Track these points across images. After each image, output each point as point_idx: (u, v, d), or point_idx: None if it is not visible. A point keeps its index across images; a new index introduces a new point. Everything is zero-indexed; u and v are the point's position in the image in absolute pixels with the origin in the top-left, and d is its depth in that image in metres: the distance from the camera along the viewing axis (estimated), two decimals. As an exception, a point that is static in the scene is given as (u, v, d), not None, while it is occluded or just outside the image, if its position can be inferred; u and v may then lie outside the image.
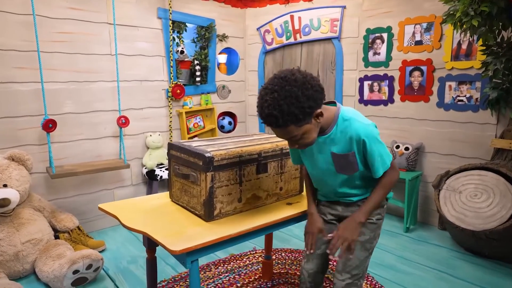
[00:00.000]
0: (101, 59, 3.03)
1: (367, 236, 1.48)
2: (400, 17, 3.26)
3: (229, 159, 1.55)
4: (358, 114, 1.39)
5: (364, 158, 1.40)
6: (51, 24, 2.74)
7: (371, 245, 1.49)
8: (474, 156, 2.95)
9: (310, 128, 1.27)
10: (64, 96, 2.86)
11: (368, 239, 1.48)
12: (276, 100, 1.18)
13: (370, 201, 1.43)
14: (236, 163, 1.58)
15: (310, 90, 1.20)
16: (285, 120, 1.19)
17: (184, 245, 1.29)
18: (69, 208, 2.95)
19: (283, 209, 1.69)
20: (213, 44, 3.81)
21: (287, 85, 1.18)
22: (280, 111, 1.17)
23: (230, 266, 2.54)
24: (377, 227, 1.51)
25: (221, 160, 1.52)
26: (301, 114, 1.19)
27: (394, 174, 1.43)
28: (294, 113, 1.18)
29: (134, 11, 3.19)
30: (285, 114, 1.18)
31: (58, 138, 2.86)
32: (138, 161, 3.39)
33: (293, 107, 1.18)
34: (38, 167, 2.79)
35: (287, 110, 1.17)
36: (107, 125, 3.11)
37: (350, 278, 1.43)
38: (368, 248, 1.49)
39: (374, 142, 1.34)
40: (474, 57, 2.89)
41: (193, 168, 1.55)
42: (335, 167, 1.43)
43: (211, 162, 1.48)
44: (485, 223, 2.45)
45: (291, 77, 1.20)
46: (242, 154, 1.60)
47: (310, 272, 1.55)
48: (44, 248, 2.45)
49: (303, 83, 1.20)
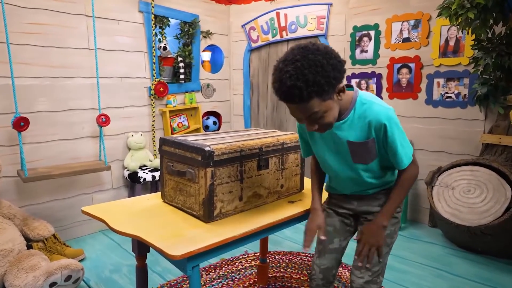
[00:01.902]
0: (78, 54, 2.81)
1: (388, 231, 1.38)
2: (387, 14, 3.25)
3: (230, 154, 1.42)
4: (378, 98, 1.27)
5: (383, 146, 1.27)
6: (22, 14, 2.52)
7: (391, 240, 1.40)
8: (463, 152, 2.96)
9: (332, 105, 1.15)
10: (37, 92, 2.63)
11: (388, 234, 1.39)
12: (300, 69, 1.04)
13: (391, 202, 1.34)
14: (237, 158, 1.45)
15: (334, 60, 1.09)
16: (309, 91, 1.06)
17: (185, 249, 1.15)
18: (44, 215, 2.70)
19: (286, 208, 1.58)
20: (197, 40, 3.66)
21: (310, 54, 1.06)
22: (305, 81, 1.04)
23: (222, 272, 2.40)
24: (397, 221, 1.44)
25: (222, 155, 1.39)
26: (327, 85, 1.07)
27: (415, 169, 1.32)
28: (320, 83, 1.06)
29: (113, 3, 3.00)
30: (310, 85, 1.05)
31: (31, 139, 2.63)
32: (119, 163, 3.18)
33: (319, 76, 1.05)
34: (8, 171, 2.54)
35: (312, 80, 1.05)
36: (85, 125, 2.89)
37: (370, 275, 1.34)
38: (389, 244, 1.40)
39: (395, 128, 1.21)
40: (462, 53, 2.90)
41: (190, 164, 1.41)
42: (351, 156, 1.31)
43: (211, 156, 1.34)
44: (480, 218, 2.44)
45: (312, 46, 1.09)
46: (243, 149, 1.47)
47: (322, 267, 1.44)
48: (15, 259, 2.20)
49: (326, 52, 1.09)
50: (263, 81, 4.01)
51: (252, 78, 4.07)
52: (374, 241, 1.33)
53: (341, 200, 1.49)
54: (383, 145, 1.27)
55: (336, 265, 1.47)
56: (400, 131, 1.24)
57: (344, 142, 1.29)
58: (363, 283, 1.33)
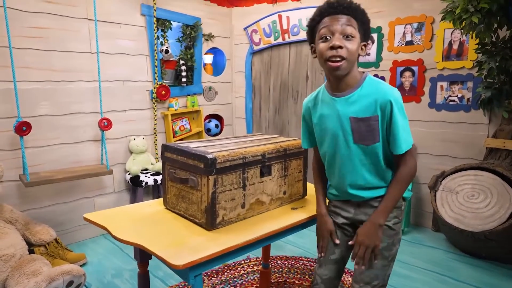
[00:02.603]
0: (80, 57, 2.81)
1: (385, 243, 1.33)
2: (390, 17, 3.24)
3: (233, 161, 1.41)
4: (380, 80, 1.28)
5: (386, 127, 1.24)
6: (24, 18, 2.52)
7: (390, 253, 1.34)
8: (467, 156, 2.94)
9: (357, 43, 1.22)
10: (39, 96, 2.63)
11: (385, 246, 1.33)
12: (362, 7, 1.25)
13: (388, 198, 1.29)
14: (240, 165, 1.44)
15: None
16: (358, 15, 1.22)
17: (187, 258, 1.14)
18: (46, 219, 2.70)
19: (289, 215, 1.56)
20: (199, 43, 3.66)
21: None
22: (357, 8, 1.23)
23: (225, 277, 2.38)
24: (396, 233, 1.36)
25: (224, 162, 1.37)
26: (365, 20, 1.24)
27: (412, 163, 1.27)
28: (363, 13, 1.24)
29: (115, 6, 3.00)
30: (360, 13, 1.23)
31: (33, 143, 2.62)
32: (121, 166, 3.17)
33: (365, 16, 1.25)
34: (10, 175, 2.53)
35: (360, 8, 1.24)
36: (87, 128, 2.89)
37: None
38: (387, 256, 1.35)
39: (400, 110, 1.21)
40: (465, 57, 2.88)
41: (192, 172, 1.40)
42: (352, 134, 1.27)
43: (214, 164, 1.33)
44: (484, 224, 2.42)
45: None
46: (246, 156, 1.46)
47: (324, 278, 1.43)
48: (17, 264, 2.19)
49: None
50: (265, 84, 4.00)
51: (254, 81, 4.06)
52: (370, 241, 1.28)
53: (339, 207, 1.44)
54: (386, 126, 1.24)
55: (338, 275, 1.44)
56: (404, 115, 1.23)
57: (347, 118, 1.27)
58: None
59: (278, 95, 3.95)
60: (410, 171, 1.28)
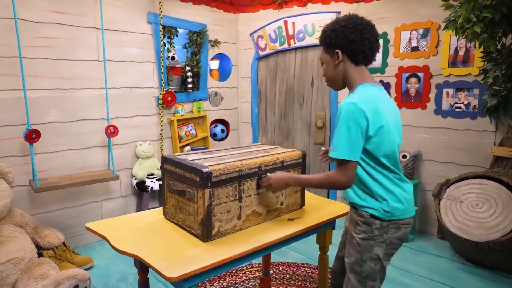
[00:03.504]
0: (87, 66, 2.88)
1: (353, 258, 1.36)
2: (396, 23, 3.22)
3: (228, 174, 1.44)
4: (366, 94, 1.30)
5: None
6: (34, 28, 2.60)
7: (361, 269, 1.35)
8: (473, 164, 2.91)
9: (328, 60, 1.41)
10: (48, 104, 2.71)
11: (354, 261, 1.36)
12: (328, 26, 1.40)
13: (305, 177, 1.44)
14: (236, 178, 1.47)
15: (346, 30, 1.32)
16: (319, 38, 1.44)
17: (181, 270, 1.17)
18: (54, 223, 2.78)
19: (285, 226, 1.59)
20: (205, 49, 3.70)
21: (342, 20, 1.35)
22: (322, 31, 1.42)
23: (226, 283, 2.42)
24: (363, 249, 1.34)
25: (220, 176, 1.40)
26: (328, 39, 1.37)
27: (338, 177, 1.29)
28: (325, 35, 1.38)
29: (122, 15, 3.06)
30: (321, 34, 1.42)
31: (42, 149, 2.70)
32: (127, 171, 3.24)
33: (327, 30, 1.38)
34: (21, 180, 2.62)
35: (323, 30, 1.41)
36: (95, 135, 2.96)
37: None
38: (359, 272, 1.35)
39: (342, 119, 1.27)
40: (471, 63, 2.85)
41: (189, 184, 1.44)
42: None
43: (209, 178, 1.36)
44: (488, 234, 2.39)
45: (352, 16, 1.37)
46: (242, 168, 1.49)
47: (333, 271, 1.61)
48: (26, 267, 2.27)
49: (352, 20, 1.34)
50: (271, 89, 4.02)
51: (260, 86, 4.09)
52: (273, 180, 1.49)
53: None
54: None
55: (342, 272, 1.54)
56: (344, 126, 1.26)
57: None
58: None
59: (284, 100, 3.96)
60: (334, 180, 1.31)
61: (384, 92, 1.40)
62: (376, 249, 1.33)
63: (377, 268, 1.35)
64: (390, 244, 1.35)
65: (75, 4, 2.78)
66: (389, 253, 1.37)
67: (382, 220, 1.32)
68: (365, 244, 1.34)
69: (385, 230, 1.33)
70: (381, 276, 1.38)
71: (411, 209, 1.38)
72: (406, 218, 1.36)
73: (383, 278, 1.40)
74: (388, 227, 1.33)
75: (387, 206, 1.32)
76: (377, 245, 1.33)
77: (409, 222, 1.38)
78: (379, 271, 1.36)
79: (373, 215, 1.33)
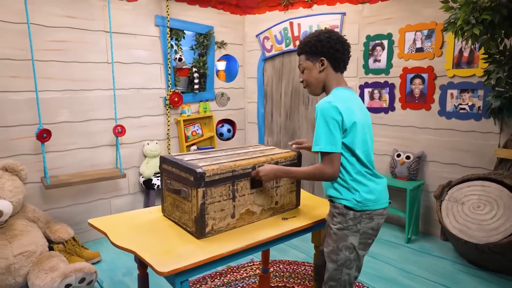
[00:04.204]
0: (97, 68, 3.00)
1: (330, 247, 1.49)
2: (401, 24, 3.22)
3: (222, 174, 1.50)
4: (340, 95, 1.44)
5: None
6: (46, 32, 2.72)
7: (337, 257, 1.47)
8: (477, 165, 2.89)
9: (312, 67, 1.51)
10: (59, 105, 2.83)
11: (331, 250, 1.49)
12: (309, 37, 1.52)
13: (294, 169, 1.53)
14: (229, 178, 1.53)
15: (331, 41, 1.46)
16: (301, 48, 1.54)
17: (173, 265, 1.24)
18: (65, 218, 2.90)
19: (279, 225, 1.63)
20: (211, 51, 3.77)
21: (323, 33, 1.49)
22: (305, 42, 1.52)
23: (227, 279, 2.48)
24: (339, 238, 1.46)
25: (213, 176, 1.47)
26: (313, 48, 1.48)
27: (324, 169, 1.40)
28: (309, 44, 1.49)
29: (131, 19, 3.16)
30: (304, 45, 1.52)
31: (54, 147, 2.83)
32: (135, 169, 3.34)
33: (312, 42, 1.49)
34: (33, 177, 2.75)
35: (307, 42, 1.51)
36: (104, 134, 3.07)
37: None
38: (335, 260, 1.48)
39: (319, 117, 1.39)
40: (476, 64, 2.83)
41: (184, 183, 1.50)
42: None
43: (203, 177, 1.43)
44: (488, 236, 2.38)
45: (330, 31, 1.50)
46: (235, 169, 1.55)
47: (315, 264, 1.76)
48: (37, 260, 2.39)
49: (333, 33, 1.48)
50: (277, 90, 4.06)
51: (266, 87, 4.14)
52: (263, 172, 1.55)
53: None
54: None
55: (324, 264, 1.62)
56: (323, 123, 1.38)
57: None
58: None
59: (289, 101, 4.00)
60: (321, 172, 1.42)
61: (357, 96, 1.56)
62: (351, 239, 1.46)
63: (352, 256, 1.47)
64: (364, 233, 1.47)
65: (85, 8, 2.89)
66: (364, 243, 1.48)
67: (355, 210, 1.44)
68: (341, 233, 1.47)
69: (358, 220, 1.45)
70: (357, 265, 1.49)
71: (383, 201, 1.49)
72: (379, 209, 1.47)
73: (359, 267, 1.52)
74: (361, 217, 1.45)
75: (359, 197, 1.43)
76: (352, 234, 1.45)
77: (382, 213, 1.49)
78: (354, 259, 1.47)
79: (347, 206, 1.45)
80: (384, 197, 1.50)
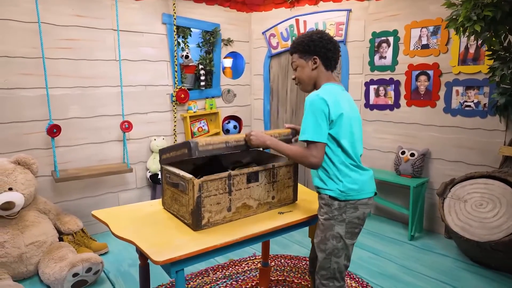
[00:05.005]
0: (106, 65, 3.08)
1: (319, 237, 1.57)
2: (406, 20, 3.20)
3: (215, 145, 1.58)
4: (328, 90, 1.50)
5: None
6: (56, 31, 2.81)
7: (325, 246, 1.54)
8: (482, 163, 2.86)
9: (305, 65, 1.57)
10: (69, 101, 2.93)
11: (320, 240, 1.56)
12: (301, 37, 1.58)
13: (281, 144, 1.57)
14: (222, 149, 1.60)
15: (323, 41, 1.53)
16: (294, 47, 1.59)
17: (168, 255, 1.29)
18: (74, 211, 3.01)
19: (274, 219, 1.68)
20: (218, 48, 3.82)
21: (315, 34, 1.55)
22: (298, 42, 1.58)
23: (229, 272, 2.54)
24: (326, 228, 1.53)
25: (206, 146, 1.55)
26: (306, 47, 1.54)
27: (309, 155, 1.45)
28: (302, 44, 1.55)
29: (138, 17, 3.24)
30: (297, 44, 1.58)
31: (64, 142, 2.93)
32: (142, 164, 3.43)
33: (305, 42, 1.55)
34: (45, 171, 2.86)
35: (300, 42, 1.56)
36: (112, 130, 3.17)
37: (318, 278, 1.59)
38: (324, 249, 1.54)
39: (307, 109, 1.46)
40: (482, 61, 2.80)
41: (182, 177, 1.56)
42: None
43: (196, 147, 1.50)
44: (490, 234, 2.37)
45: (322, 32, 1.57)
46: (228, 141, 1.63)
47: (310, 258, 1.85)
48: (47, 250, 2.50)
49: (325, 37, 1.54)
50: (283, 87, 4.09)
51: (272, 84, 4.17)
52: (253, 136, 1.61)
53: None
54: None
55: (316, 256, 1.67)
56: (310, 114, 1.45)
57: None
58: (317, 284, 1.60)
59: (295, 98, 4.02)
60: (303, 156, 1.48)
61: (346, 92, 1.61)
62: (337, 228, 1.52)
63: (340, 245, 1.53)
64: (349, 223, 1.52)
65: (94, 8, 2.97)
66: (350, 232, 1.53)
67: (340, 200, 1.50)
68: (327, 223, 1.53)
69: (343, 210, 1.51)
70: (346, 254, 1.55)
71: (367, 191, 1.54)
72: (363, 199, 1.53)
73: (348, 256, 1.57)
74: (346, 207, 1.51)
75: (342, 187, 1.49)
76: (338, 224, 1.51)
77: (367, 202, 1.54)
78: (342, 248, 1.53)
79: (332, 196, 1.51)
80: (368, 187, 1.55)
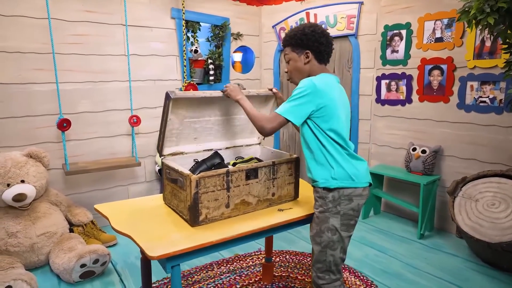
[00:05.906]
0: (115, 60, 3.12)
1: (314, 230, 1.57)
2: (420, 12, 3.09)
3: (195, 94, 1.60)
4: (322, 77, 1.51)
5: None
6: (66, 27, 2.86)
7: (320, 239, 1.54)
8: (496, 161, 2.76)
9: (297, 59, 1.59)
10: (79, 95, 2.99)
11: (315, 233, 1.56)
12: (293, 30, 1.59)
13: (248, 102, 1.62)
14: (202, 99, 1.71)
15: (317, 36, 1.53)
16: (287, 40, 1.60)
17: (163, 250, 1.31)
18: (85, 203, 3.08)
19: (273, 216, 1.67)
20: (227, 42, 3.80)
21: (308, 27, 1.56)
22: (290, 36, 1.59)
23: (233, 267, 2.56)
24: (321, 221, 1.53)
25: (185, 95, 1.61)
26: (298, 40, 1.55)
27: (265, 120, 1.50)
28: (295, 38, 1.56)
29: (147, 12, 3.25)
30: (290, 37, 1.59)
31: (74, 136, 3.00)
32: (151, 158, 3.47)
33: (298, 35, 1.55)
34: (56, 164, 2.93)
35: (293, 35, 1.57)
36: (121, 124, 3.21)
37: (314, 271, 1.59)
38: (319, 242, 1.54)
39: (297, 89, 1.48)
40: (498, 55, 2.68)
41: (180, 173, 1.57)
42: None
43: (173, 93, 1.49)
44: (502, 235, 2.30)
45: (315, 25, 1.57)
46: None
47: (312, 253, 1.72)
48: (58, 240, 2.58)
49: (317, 31, 1.54)
50: (293, 81, 4.04)
51: (282, 78, 4.13)
52: (231, 90, 1.74)
53: None
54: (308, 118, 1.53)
55: None
56: (298, 93, 1.46)
57: None
58: (313, 277, 1.60)
59: (305, 92, 3.97)
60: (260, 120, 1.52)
61: (339, 84, 1.60)
62: (332, 220, 1.51)
63: (335, 238, 1.52)
64: (344, 215, 1.51)
65: (104, 3, 3.00)
66: (346, 224, 1.52)
67: (333, 190, 1.49)
68: (322, 216, 1.53)
69: (338, 202, 1.50)
70: (341, 246, 1.54)
71: (360, 180, 1.52)
72: (357, 189, 1.51)
73: (344, 249, 1.56)
74: (340, 199, 1.50)
75: (334, 173, 1.49)
76: (332, 216, 1.51)
77: (361, 193, 1.52)
78: (337, 241, 1.52)
79: (326, 188, 1.51)
80: (362, 177, 1.53)
